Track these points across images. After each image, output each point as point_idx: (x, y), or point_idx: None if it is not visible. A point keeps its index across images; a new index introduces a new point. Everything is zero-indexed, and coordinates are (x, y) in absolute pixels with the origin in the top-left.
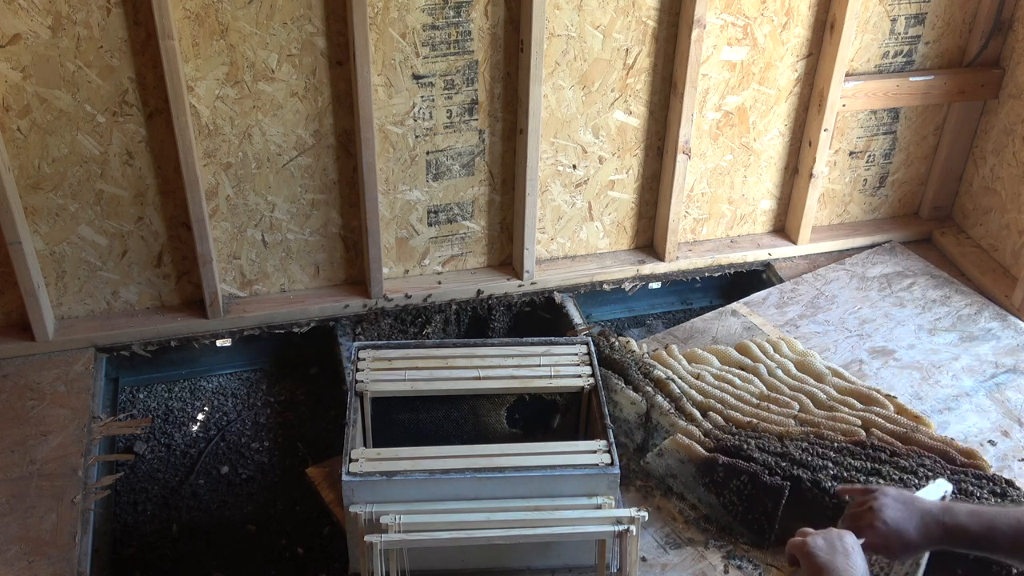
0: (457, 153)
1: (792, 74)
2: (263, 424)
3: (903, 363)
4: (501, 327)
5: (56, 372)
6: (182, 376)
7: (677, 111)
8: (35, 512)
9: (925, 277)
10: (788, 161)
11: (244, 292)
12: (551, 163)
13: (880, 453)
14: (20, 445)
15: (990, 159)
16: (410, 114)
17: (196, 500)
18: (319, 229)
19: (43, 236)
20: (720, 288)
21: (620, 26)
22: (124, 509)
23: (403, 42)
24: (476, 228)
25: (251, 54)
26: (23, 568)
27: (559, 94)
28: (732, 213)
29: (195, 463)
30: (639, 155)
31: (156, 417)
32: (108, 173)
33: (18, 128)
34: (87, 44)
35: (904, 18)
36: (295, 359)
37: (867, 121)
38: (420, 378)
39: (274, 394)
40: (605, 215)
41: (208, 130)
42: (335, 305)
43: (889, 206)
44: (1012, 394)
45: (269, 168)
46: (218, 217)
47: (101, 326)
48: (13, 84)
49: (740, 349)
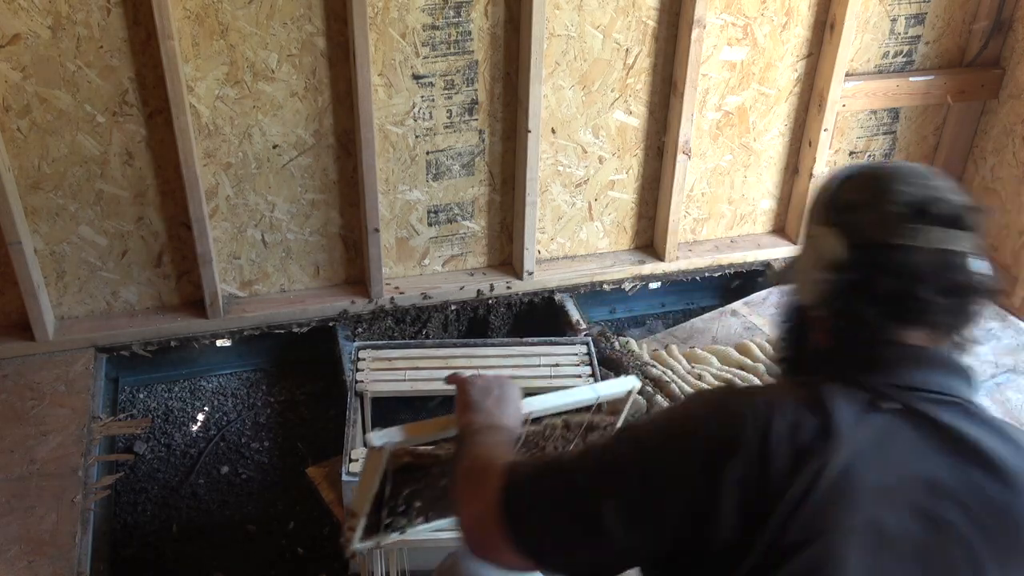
0: (457, 153)
1: (792, 74)
2: (263, 424)
3: None
4: (501, 327)
5: (56, 372)
6: (182, 376)
7: (677, 111)
8: (35, 512)
9: None
10: (788, 161)
11: (244, 292)
12: (551, 163)
13: None
14: (20, 445)
15: (990, 159)
16: (410, 114)
17: (196, 500)
18: (319, 229)
19: (43, 236)
20: (720, 288)
21: (620, 26)
22: (124, 509)
23: (403, 42)
24: (476, 228)
25: (251, 54)
26: (23, 568)
27: (559, 94)
28: (732, 213)
29: (195, 463)
30: (639, 155)
31: (156, 417)
32: (108, 173)
33: (18, 128)
34: (87, 44)
35: (904, 18)
36: (295, 359)
37: (867, 121)
38: (420, 378)
39: (274, 394)
40: (605, 215)
41: (208, 130)
42: (335, 305)
43: None
44: (1012, 394)
45: (269, 168)
46: (218, 217)
47: (101, 326)
48: (13, 84)
49: (740, 349)
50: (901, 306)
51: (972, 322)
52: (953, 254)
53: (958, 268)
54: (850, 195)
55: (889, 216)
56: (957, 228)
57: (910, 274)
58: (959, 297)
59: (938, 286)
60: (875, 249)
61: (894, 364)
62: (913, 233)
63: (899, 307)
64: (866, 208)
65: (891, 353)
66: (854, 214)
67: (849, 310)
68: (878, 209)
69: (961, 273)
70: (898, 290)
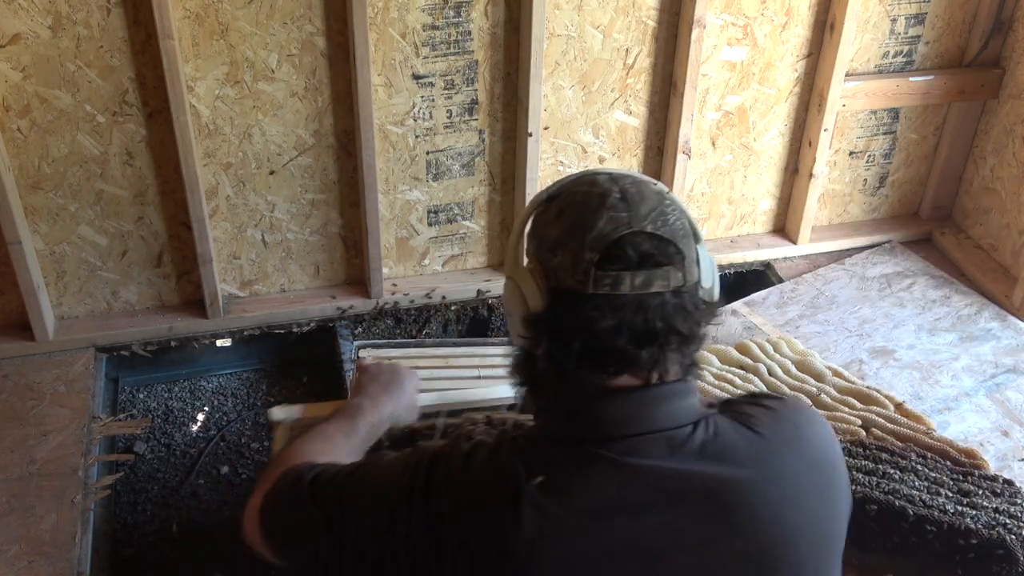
0: (457, 153)
1: (792, 74)
2: (263, 424)
3: (903, 363)
4: (501, 327)
5: (56, 372)
6: (182, 376)
7: (677, 111)
8: (35, 512)
9: (925, 277)
10: (788, 161)
11: (244, 292)
12: (551, 163)
13: (880, 453)
14: (20, 445)
15: (990, 159)
16: (410, 114)
17: (196, 500)
18: (319, 229)
19: (43, 236)
20: (720, 288)
21: (620, 26)
22: (124, 509)
23: (403, 42)
24: (476, 228)
25: (251, 54)
26: (23, 568)
27: (559, 94)
28: (732, 213)
29: (195, 463)
30: (639, 155)
31: (156, 417)
32: (108, 173)
33: (18, 128)
34: (87, 44)
35: (904, 18)
36: (295, 359)
37: (867, 121)
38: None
39: (274, 394)
40: None
41: (208, 130)
42: (335, 305)
43: (889, 206)
44: (1012, 394)
45: (269, 168)
46: (218, 217)
47: (101, 326)
48: (13, 84)
49: (740, 349)
50: (598, 359)
51: (694, 347)
52: (648, 298)
53: (654, 311)
54: (551, 229)
55: (581, 262)
56: (651, 267)
57: (602, 329)
58: (658, 342)
59: (632, 335)
60: (568, 298)
61: (593, 414)
62: (602, 281)
63: (596, 360)
64: (562, 249)
65: (594, 403)
66: (552, 254)
67: (553, 359)
68: (572, 251)
69: (659, 317)
70: (591, 345)
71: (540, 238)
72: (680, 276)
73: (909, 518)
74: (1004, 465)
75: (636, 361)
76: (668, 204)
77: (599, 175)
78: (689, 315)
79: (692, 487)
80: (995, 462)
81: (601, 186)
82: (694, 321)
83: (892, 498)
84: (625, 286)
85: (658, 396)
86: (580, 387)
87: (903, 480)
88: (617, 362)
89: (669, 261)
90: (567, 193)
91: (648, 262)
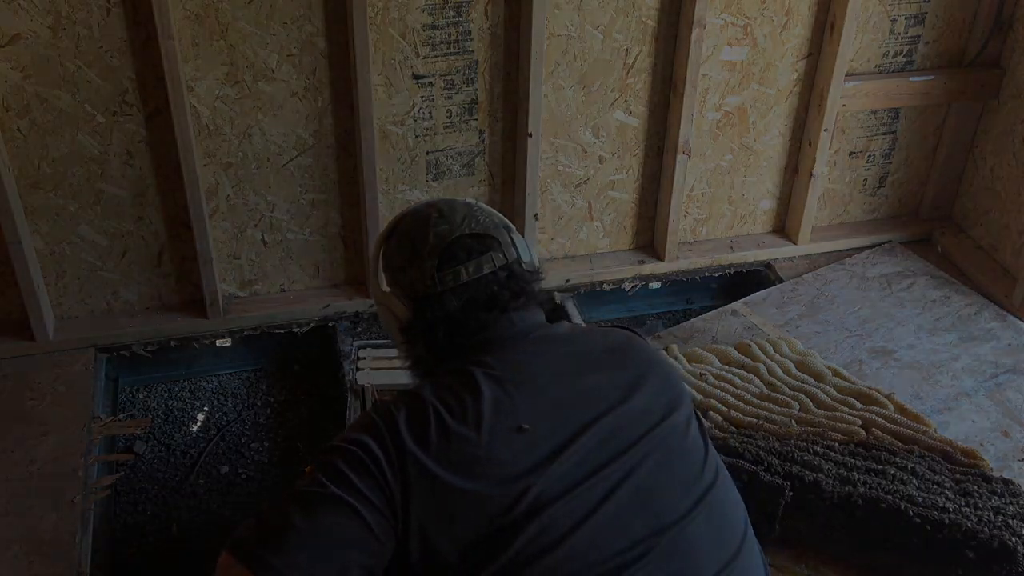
0: (457, 153)
1: (792, 74)
2: (263, 424)
3: (903, 363)
4: None
5: (56, 372)
6: (182, 376)
7: (677, 111)
8: (35, 512)
9: (925, 277)
10: (788, 161)
11: (244, 292)
12: (551, 163)
13: (880, 453)
14: (20, 445)
15: (990, 159)
16: (410, 114)
17: (196, 500)
18: (319, 229)
19: (43, 236)
20: (720, 288)
21: (620, 26)
22: (124, 509)
23: (403, 42)
24: None
25: (251, 54)
26: (23, 568)
27: (559, 94)
28: (732, 213)
29: (195, 463)
30: (639, 155)
31: (156, 417)
32: (108, 173)
33: (18, 128)
34: (87, 44)
35: (904, 18)
36: (295, 359)
37: (867, 121)
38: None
39: (274, 394)
40: (605, 215)
41: (208, 130)
42: (335, 305)
43: (889, 206)
44: (1012, 394)
45: (269, 168)
46: (218, 217)
47: (101, 326)
48: (13, 84)
49: (740, 349)
50: (464, 336)
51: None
52: (484, 277)
53: (491, 284)
54: (397, 257)
55: (426, 271)
56: (477, 256)
57: (458, 309)
58: (500, 305)
59: (480, 305)
60: (425, 300)
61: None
62: (446, 279)
63: (463, 336)
64: (409, 267)
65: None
66: (404, 274)
67: (432, 348)
68: (417, 265)
69: (495, 286)
70: (455, 329)
71: (391, 266)
72: (501, 256)
73: (909, 518)
74: (1004, 465)
75: (495, 324)
76: (476, 209)
77: (418, 206)
78: (517, 279)
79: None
80: (995, 462)
81: (422, 212)
82: (524, 282)
83: (893, 498)
84: (463, 276)
85: (520, 321)
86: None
87: (903, 480)
88: (479, 331)
89: (489, 248)
90: (399, 228)
91: (474, 253)
